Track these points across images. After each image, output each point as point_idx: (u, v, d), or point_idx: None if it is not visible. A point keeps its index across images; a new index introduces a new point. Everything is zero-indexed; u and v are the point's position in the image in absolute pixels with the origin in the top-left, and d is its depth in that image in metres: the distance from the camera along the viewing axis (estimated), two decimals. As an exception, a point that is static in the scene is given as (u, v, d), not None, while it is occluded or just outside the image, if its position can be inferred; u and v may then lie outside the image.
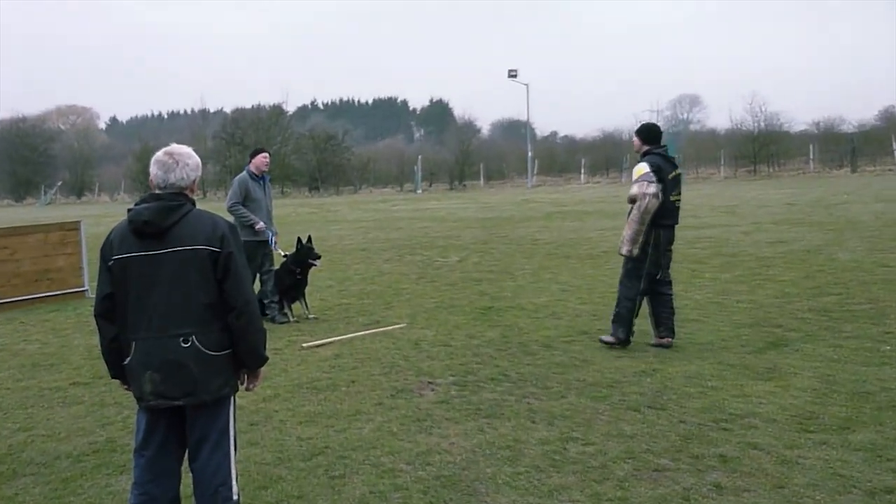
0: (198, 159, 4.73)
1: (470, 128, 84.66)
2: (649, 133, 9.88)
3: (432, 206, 40.53)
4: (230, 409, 4.69)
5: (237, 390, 4.76)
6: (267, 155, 12.22)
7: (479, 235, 24.15)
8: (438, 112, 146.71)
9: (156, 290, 4.48)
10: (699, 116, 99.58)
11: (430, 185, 72.78)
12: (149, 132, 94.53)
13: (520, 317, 11.68)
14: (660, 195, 9.47)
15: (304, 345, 10.39)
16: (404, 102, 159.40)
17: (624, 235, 9.72)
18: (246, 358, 4.66)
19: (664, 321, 9.80)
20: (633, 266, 9.76)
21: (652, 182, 9.45)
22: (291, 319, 12.07)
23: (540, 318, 11.54)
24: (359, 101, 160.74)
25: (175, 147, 4.70)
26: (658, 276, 9.79)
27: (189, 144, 4.88)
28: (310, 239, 12.53)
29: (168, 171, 4.60)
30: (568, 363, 8.97)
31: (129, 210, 4.59)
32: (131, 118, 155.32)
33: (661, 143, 9.85)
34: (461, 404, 7.64)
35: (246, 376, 4.80)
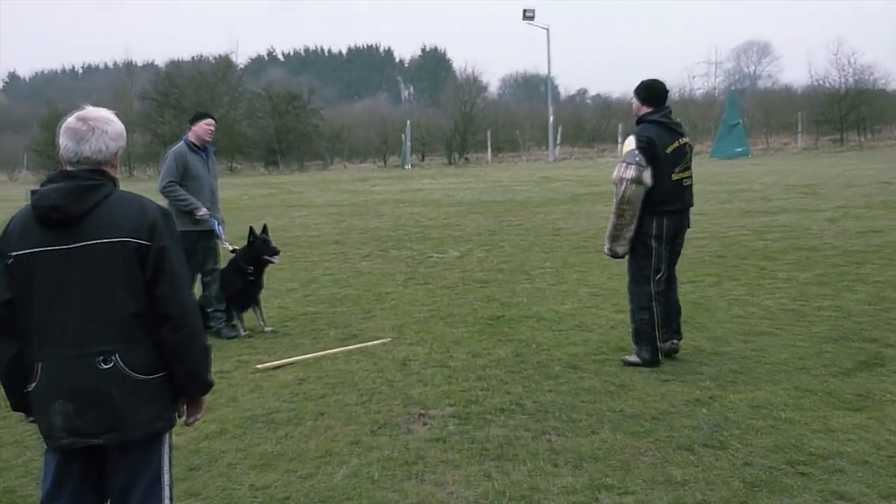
0: (120, 126, 4.73)
1: (474, 85, 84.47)
2: (649, 92, 10.01)
3: (425, 186, 40.54)
4: (164, 450, 4.70)
5: (173, 425, 4.77)
6: (212, 122, 12.22)
7: (485, 224, 24.16)
8: (432, 64, 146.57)
9: (68, 296, 4.49)
10: (770, 69, 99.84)
11: (423, 159, 72.77)
12: (58, 92, 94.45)
13: (538, 329, 11.69)
14: (645, 179, 9.58)
15: (259, 366, 10.39)
16: (388, 52, 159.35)
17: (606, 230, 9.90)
18: (185, 383, 4.67)
19: (669, 322, 9.95)
20: (637, 267, 9.89)
21: (632, 164, 9.58)
22: (242, 333, 12.08)
23: (564, 330, 11.54)
24: (329, 51, 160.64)
25: (91, 111, 4.70)
26: (662, 276, 9.95)
27: (110, 107, 4.87)
28: (265, 229, 12.53)
29: (81, 141, 4.60)
30: (600, 389, 8.98)
31: (32, 192, 4.59)
32: (36, 74, 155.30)
33: (665, 106, 10.00)
34: (462, 443, 7.64)
35: (185, 407, 4.81)
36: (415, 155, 72.10)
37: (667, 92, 10.09)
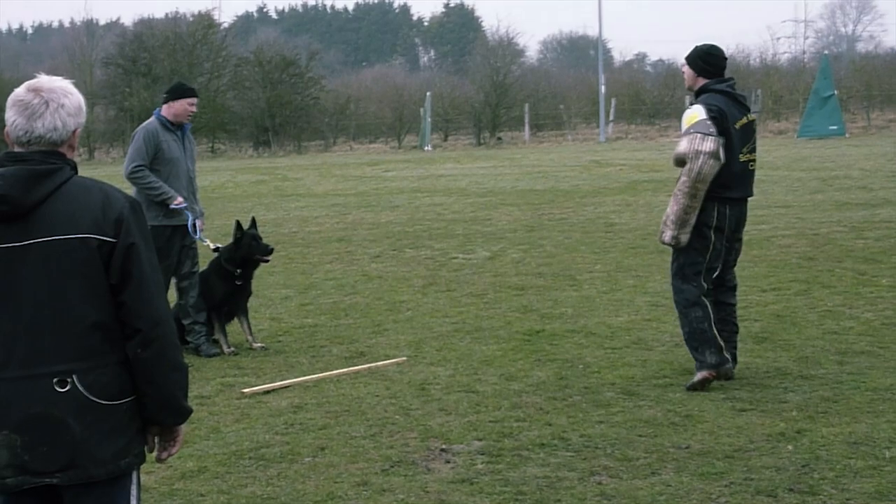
0: (80, 98, 4.74)
1: (508, 49, 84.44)
2: (707, 60, 10.17)
3: (448, 172, 40.57)
4: (132, 491, 4.72)
5: (143, 461, 4.78)
6: (195, 101, 12.30)
7: (521, 218, 24.18)
8: (458, 24, 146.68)
9: (15, 305, 4.50)
10: (871, 30, 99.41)
11: (446, 139, 72.75)
12: (4, 57, 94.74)
13: (585, 346, 11.69)
14: (721, 154, 9.73)
15: (247, 390, 10.43)
16: (404, 9, 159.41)
17: (667, 214, 10.01)
18: (156, 410, 4.68)
19: (720, 329, 10.06)
20: (687, 261, 10.06)
21: (709, 135, 9.70)
22: (226, 350, 12.13)
23: (618, 348, 11.54)
24: (332, 7, 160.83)
25: (45, 80, 4.70)
26: (720, 275, 10.12)
27: (67, 75, 4.89)
28: (254, 223, 12.57)
29: (33, 117, 4.61)
30: (662, 420, 8.98)
31: (-27, 179, 4.60)
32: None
33: (727, 77, 10.16)
34: (493, 485, 7.66)
35: (157, 439, 4.83)
36: (436, 134, 72.02)
37: (726, 59, 10.28)
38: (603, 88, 69.40)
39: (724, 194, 9.90)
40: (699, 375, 9.91)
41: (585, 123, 75.41)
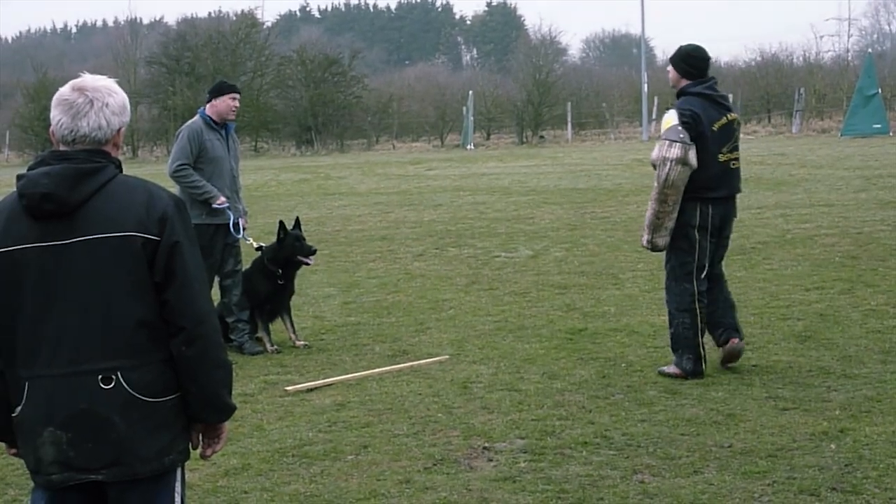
0: (124, 98, 4.75)
1: (550, 47, 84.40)
2: (688, 61, 10.37)
3: (490, 170, 40.54)
4: (175, 488, 4.74)
5: (187, 458, 4.81)
6: (237, 97, 12.32)
7: (564, 216, 24.14)
8: (500, 22, 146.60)
9: (61, 302, 4.53)
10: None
11: (488, 137, 72.71)
12: (48, 56, 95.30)
13: (628, 345, 11.67)
14: (691, 160, 9.89)
15: (290, 388, 10.46)
16: (446, 7, 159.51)
17: (645, 219, 10.29)
18: (200, 407, 4.71)
19: (722, 319, 10.37)
20: (678, 262, 10.29)
21: (676, 142, 9.87)
22: (270, 348, 12.16)
23: (660, 347, 11.51)
24: (375, 6, 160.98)
25: (89, 79, 4.72)
26: (708, 272, 10.33)
27: (111, 74, 4.91)
28: (297, 223, 12.60)
29: (78, 116, 4.62)
30: (704, 419, 8.96)
31: (18, 178, 4.63)
32: (20, 35, 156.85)
33: (710, 77, 10.36)
34: (535, 483, 7.66)
35: (201, 436, 4.85)
36: (478, 132, 71.93)
37: (708, 60, 10.47)
38: (646, 87, 69.19)
39: (705, 195, 10.08)
40: (672, 369, 10.26)
41: (628, 122, 75.23)
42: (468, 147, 63.59)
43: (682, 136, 9.87)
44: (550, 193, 29.72)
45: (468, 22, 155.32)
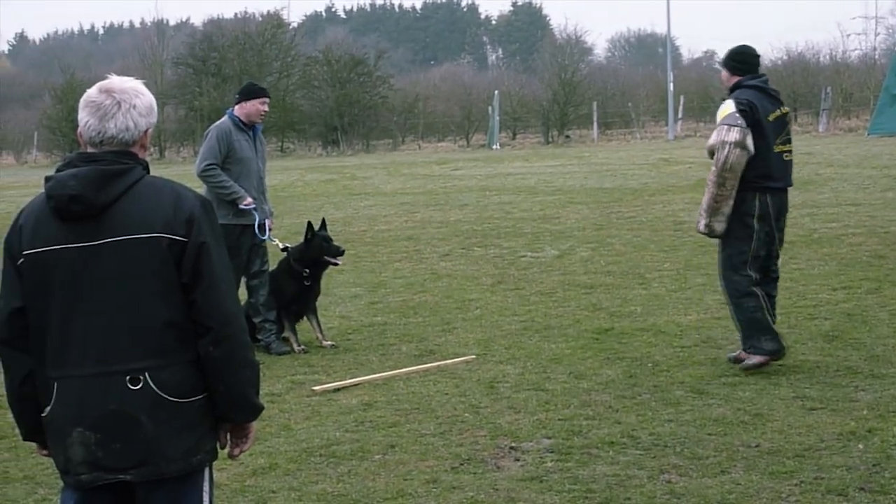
0: (151, 99, 4.78)
1: (576, 47, 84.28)
2: (737, 59, 10.62)
3: (516, 170, 40.51)
4: (204, 487, 4.76)
5: (215, 457, 4.83)
6: (267, 101, 12.36)
7: (590, 216, 24.12)
8: (525, 22, 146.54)
9: (89, 303, 4.56)
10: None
11: (514, 137, 72.66)
12: (75, 57, 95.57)
13: (655, 345, 11.66)
14: (749, 145, 10.04)
15: (317, 388, 10.48)
16: (472, 7, 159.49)
17: (701, 204, 10.41)
18: (227, 407, 4.73)
19: None
20: (734, 251, 10.36)
21: (735, 126, 10.04)
22: (297, 348, 12.19)
23: (687, 346, 11.50)
24: (400, 7, 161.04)
25: (116, 81, 4.75)
26: (764, 264, 10.46)
27: (138, 75, 4.93)
28: (324, 224, 12.62)
29: (106, 117, 4.65)
30: (731, 419, 8.95)
31: (47, 179, 4.66)
32: (48, 36, 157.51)
33: (760, 73, 10.56)
34: (562, 483, 7.66)
35: (229, 435, 4.87)
36: (504, 132, 71.86)
37: (758, 57, 10.70)
38: (671, 86, 69.02)
39: (763, 184, 10.22)
40: (756, 359, 10.21)
41: (654, 121, 75.09)
42: (494, 147, 63.54)
43: (739, 121, 10.03)
44: (576, 193, 29.69)
45: (493, 21, 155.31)
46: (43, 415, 4.67)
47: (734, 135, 10.00)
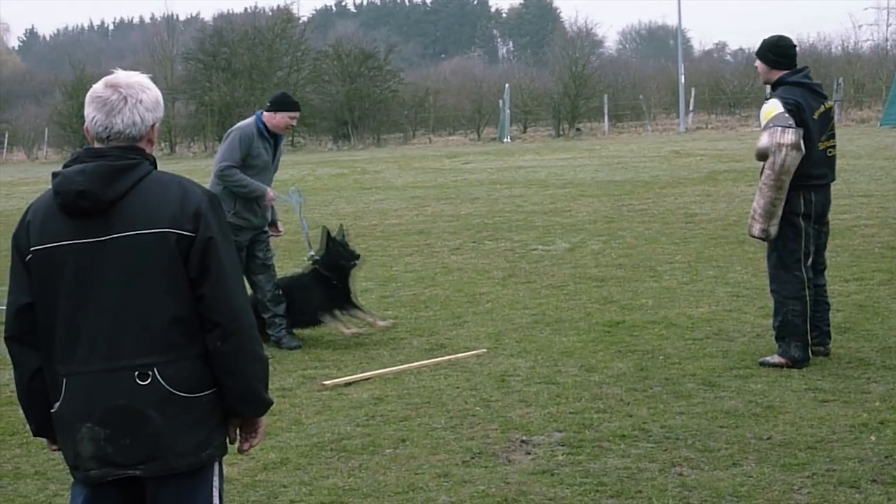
0: (158, 93, 4.77)
1: (587, 39, 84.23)
2: (776, 51, 10.43)
3: (527, 163, 40.50)
4: (213, 483, 4.76)
5: (225, 452, 4.83)
6: (296, 116, 12.32)
7: (601, 209, 24.10)
8: (536, 15, 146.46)
9: (97, 299, 4.56)
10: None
11: (525, 131, 72.68)
12: (86, 53, 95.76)
13: (666, 338, 11.65)
14: (801, 145, 9.92)
15: (328, 382, 10.48)
16: (482, 1, 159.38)
17: (753, 208, 10.24)
18: (237, 402, 4.73)
19: (817, 322, 10.36)
20: (785, 251, 10.27)
21: (788, 128, 9.88)
22: (348, 331, 12.20)
23: (699, 339, 11.49)
24: (410, 0, 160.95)
25: (122, 76, 4.74)
26: (813, 259, 10.41)
27: (148, 70, 4.93)
28: (343, 233, 12.60)
29: (112, 113, 4.64)
30: (743, 411, 8.94)
31: (54, 175, 4.66)
32: (58, 32, 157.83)
33: (801, 67, 10.44)
34: (573, 476, 7.66)
35: (238, 430, 4.87)
36: (515, 125, 71.85)
37: (795, 48, 10.55)
38: (682, 78, 69.03)
39: (807, 182, 10.10)
40: (777, 359, 10.17)
41: (665, 114, 75.06)
42: (505, 140, 63.56)
43: (790, 122, 9.91)
44: (587, 186, 29.69)
45: (504, 15, 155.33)
46: (52, 410, 4.68)
47: (789, 137, 9.86)
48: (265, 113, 12.18)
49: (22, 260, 4.66)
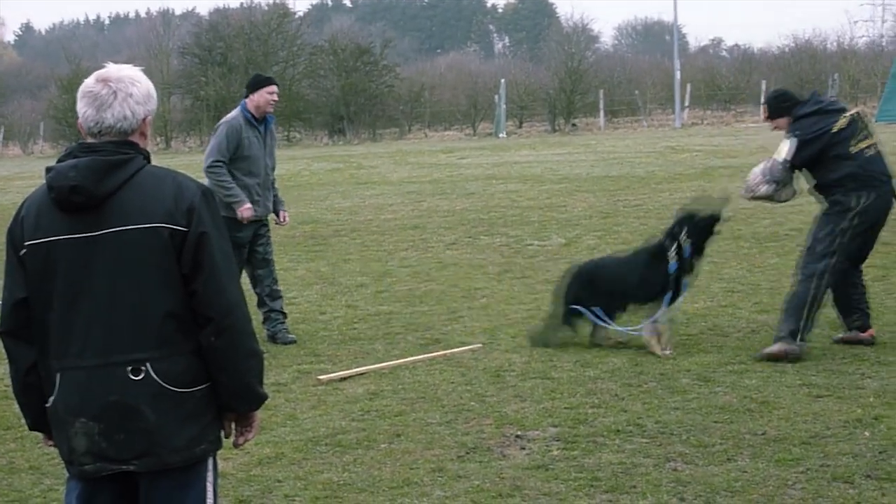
0: (148, 86, 4.74)
1: (582, 35, 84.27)
2: (778, 100, 11.01)
3: (523, 159, 40.49)
4: (208, 477, 4.76)
5: (219, 447, 4.83)
6: (275, 89, 12.26)
7: (596, 204, 24.11)
8: (532, 10, 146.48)
9: (91, 294, 4.56)
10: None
11: (520, 126, 72.64)
12: (81, 47, 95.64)
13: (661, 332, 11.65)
14: (784, 196, 10.81)
15: (322, 377, 10.48)
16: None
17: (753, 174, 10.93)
18: (231, 397, 4.72)
19: (856, 304, 10.75)
20: (825, 234, 10.50)
21: (771, 183, 10.70)
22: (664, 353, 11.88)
23: (693, 334, 11.50)
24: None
25: (112, 70, 4.73)
26: (858, 256, 10.81)
27: (143, 64, 4.91)
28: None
29: (102, 107, 4.63)
30: (738, 407, 8.95)
31: (48, 170, 4.65)
32: (54, 26, 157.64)
33: (808, 96, 10.95)
34: (568, 471, 7.66)
35: (233, 425, 4.87)
36: (511, 121, 71.78)
37: (792, 92, 11.35)
38: (678, 74, 69.03)
39: (856, 184, 10.43)
40: (776, 348, 10.34)
41: (661, 109, 75.01)
42: (500, 135, 63.57)
43: (777, 177, 10.57)
44: (583, 181, 29.68)
45: (500, 10, 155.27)
46: (47, 405, 4.68)
47: (763, 189, 10.71)
48: (246, 100, 12.16)
49: (16, 255, 4.65)
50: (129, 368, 4.52)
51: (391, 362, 10.93)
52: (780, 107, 10.85)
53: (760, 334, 11.28)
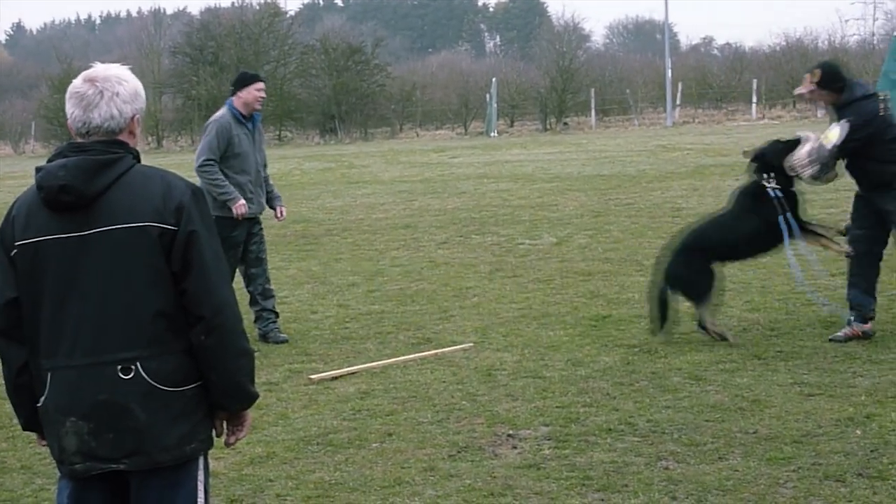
0: (136, 85, 4.75)
1: (574, 34, 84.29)
2: (836, 77, 10.97)
3: (514, 158, 40.50)
4: (199, 476, 4.76)
5: (210, 446, 4.83)
6: (262, 86, 12.26)
7: (588, 203, 24.12)
8: (523, 9, 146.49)
9: (81, 294, 4.56)
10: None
11: (512, 125, 72.64)
12: (73, 47, 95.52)
13: (653, 332, 11.65)
14: (828, 175, 10.98)
15: (314, 376, 10.48)
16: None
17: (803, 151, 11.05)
18: (222, 396, 4.73)
19: (874, 290, 11.06)
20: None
21: (817, 164, 10.87)
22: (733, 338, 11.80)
23: (684, 333, 11.51)
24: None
25: (99, 69, 4.73)
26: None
27: (135, 64, 4.91)
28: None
29: (89, 107, 4.64)
30: (729, 405, 8.95)
31: (37, 170, 4.65)
32: (45, 26, 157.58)
33: (849, 80, 10.99)
34: (559, 470, 7.66)
35: (224, 424, 4.87)
36: (502, 120, 71.77)
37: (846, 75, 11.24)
38: (669, 73, 69.07)
39: None
40: (850, 330, 10.80)
41: (652, 108, 75.02)
42: (492, 134, 63.54)
43: (823, 160, 10.81)
44: (574, 180, 29.69)
45: (491, 9, 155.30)
46: (38, 405, 4.68)
47: (808, 172, 10.92)
48: (233, 98, 12.16)
49: (7, 254, 4.66)
50: (119, 367, 4.52)
51: (382, 361, 10.93)
52: (834, 82, 10.87)
53: (752, 333, 11.29)
